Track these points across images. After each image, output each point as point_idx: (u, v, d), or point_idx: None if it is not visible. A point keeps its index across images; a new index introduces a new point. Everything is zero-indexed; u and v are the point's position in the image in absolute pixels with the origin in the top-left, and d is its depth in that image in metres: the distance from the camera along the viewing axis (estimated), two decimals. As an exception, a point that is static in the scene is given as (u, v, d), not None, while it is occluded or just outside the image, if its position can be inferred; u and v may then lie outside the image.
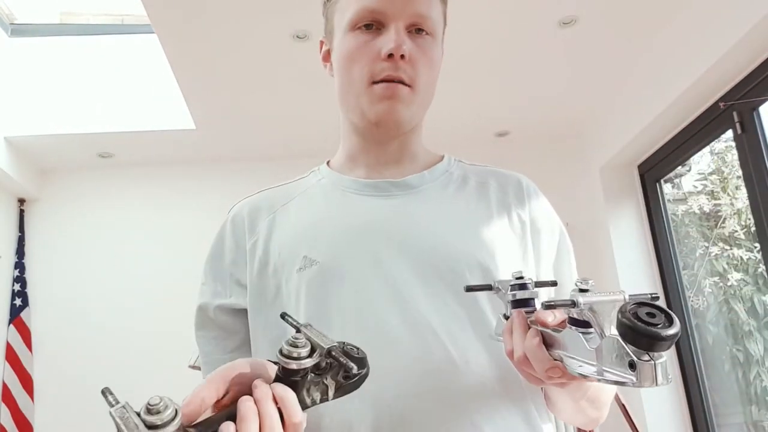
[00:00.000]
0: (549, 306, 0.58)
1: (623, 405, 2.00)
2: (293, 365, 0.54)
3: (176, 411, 0.49)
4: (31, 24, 3.48)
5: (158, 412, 0.48)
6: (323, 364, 0.57)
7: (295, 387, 0.55)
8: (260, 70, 2.82)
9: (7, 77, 3.31)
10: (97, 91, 3.36)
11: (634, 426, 2.03)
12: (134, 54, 3.36)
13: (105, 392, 0.49)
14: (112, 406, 0.48)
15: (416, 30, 0.82)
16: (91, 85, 3.36)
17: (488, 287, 0.68)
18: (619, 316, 0.51)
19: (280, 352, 0.55)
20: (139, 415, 0.48)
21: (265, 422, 0.53)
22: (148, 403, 0.48)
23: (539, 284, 0.68)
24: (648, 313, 0.51)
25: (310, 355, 0.55)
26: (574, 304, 0.57)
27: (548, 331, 0.62)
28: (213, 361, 0.81)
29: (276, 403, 0.54)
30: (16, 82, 3.33)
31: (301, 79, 2.85)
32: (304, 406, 0.56)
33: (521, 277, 0.68)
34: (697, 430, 3.06)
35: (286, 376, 0.55)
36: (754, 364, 3.02)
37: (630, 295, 0.55)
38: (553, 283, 0.74)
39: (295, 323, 0.59)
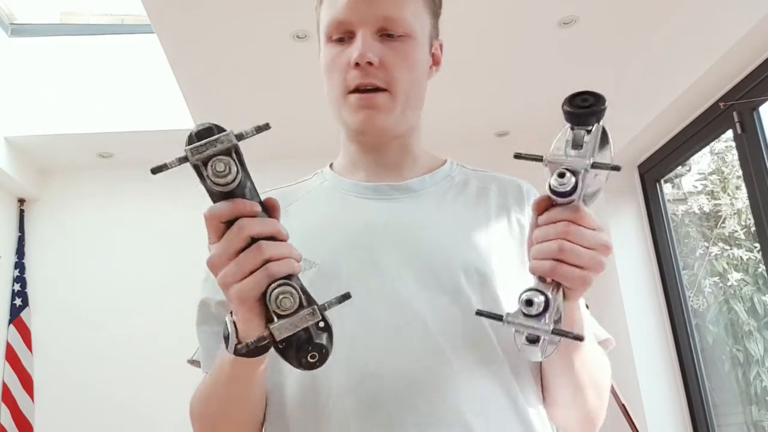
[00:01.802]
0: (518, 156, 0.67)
1: (623, 405, 2.00)
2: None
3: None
4: (31, 24, 3.48)
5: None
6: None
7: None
8: (260, 70, 2.82)
9: (7, 77, 3.31)
10: (97, 91, 3.36)
11: (634, 426, 2.04)
12: (134, 54, 3.36)
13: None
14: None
15: (388, 33, 0.82)
16: (91, 85, 3.37)
17: (499, 317, 0.65)
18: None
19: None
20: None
21: (274, 244, 0.59)
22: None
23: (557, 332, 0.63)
24: (584, 99, 0.62)
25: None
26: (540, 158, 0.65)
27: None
28: (214, 357, 0.81)
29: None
30: (16, 82, 3.34)
31: (302, 79, 2.85)
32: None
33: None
34: (697, 430, 3.06)
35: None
36: (754, 364, 3.02)
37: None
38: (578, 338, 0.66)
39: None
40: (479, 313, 0.66)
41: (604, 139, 0.65)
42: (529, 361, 0.80)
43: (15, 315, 3.39)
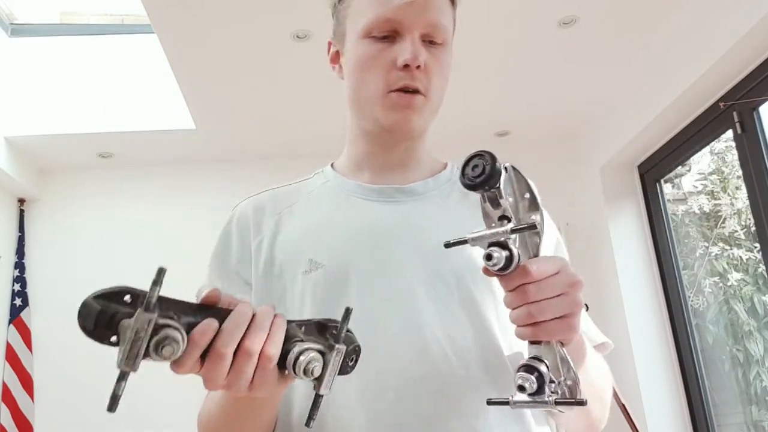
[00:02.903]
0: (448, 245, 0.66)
1: (623, 405, 2.00)
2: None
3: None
4: (31, 24, 3.48)
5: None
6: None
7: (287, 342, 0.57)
8: (260, 70, 2.82)
9: (7, 77, 3.31)
10: (97, 91, 3.36)
11: (634, 426, 2.03)
12: (134, 54, 3.36)
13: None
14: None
15: (430, 41, 0.83)
16: (91, 85, 3.36)
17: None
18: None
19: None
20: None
21: (252, 333, 0.54)
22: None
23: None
24: (473, 167, 0.62)
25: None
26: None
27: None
28: None
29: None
30: (16, 82, 3.33)
31: (301, 79, 2.85)
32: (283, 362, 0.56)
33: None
34: (697, 430, 3.06)
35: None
36: (754, 364, 3.02)
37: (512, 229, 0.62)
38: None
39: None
40: (490, 402, 0.68)
41: (520, 181, 0.64)
42: None
43: (15, 315, 3.39)
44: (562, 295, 0.62)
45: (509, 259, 0.61)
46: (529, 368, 0.63)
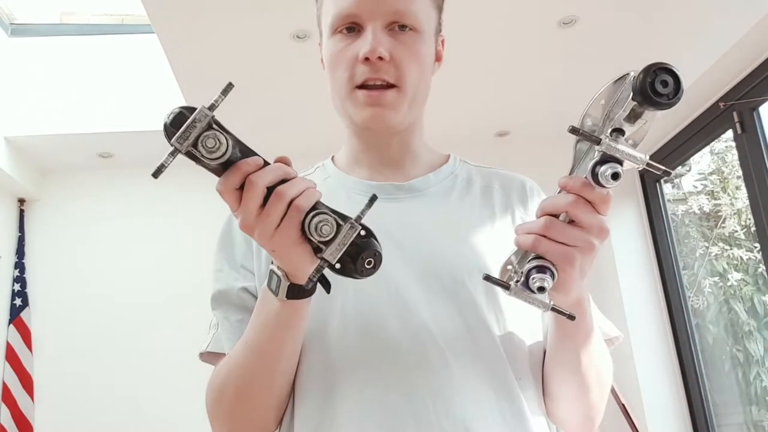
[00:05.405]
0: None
1: (623, 405, 2.00)
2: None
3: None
4: (31, 24, 3.48)
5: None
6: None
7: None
8: (260, 70, 2.82)
9: (7, 77, 3.31)
10: (97, 91, 3.36)
11: (634, 426, 2.04)
12: (134, 54, 3.36)
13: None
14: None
15: (399, 27, 0.80)
16: (91, 85, 3.36)
17: (506, 286, 0.65)
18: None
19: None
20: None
21: (288, 183, 0.62)
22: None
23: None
24: (662, 81, 0.57)
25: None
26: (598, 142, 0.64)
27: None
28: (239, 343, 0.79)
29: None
30: (16, 82, 3.33)
31: (301, 79, 2.85)
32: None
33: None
34: (697, 430, 3.06)
35: None
36: (754, 364, 3.02)
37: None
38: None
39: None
40: (487, 278, 0.66)
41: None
42: (533, 366, 0.80)
43: (15, 315, 3.39)
44: (584, 229, 0.64)
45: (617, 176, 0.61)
46: (542, 269, 0.63)
